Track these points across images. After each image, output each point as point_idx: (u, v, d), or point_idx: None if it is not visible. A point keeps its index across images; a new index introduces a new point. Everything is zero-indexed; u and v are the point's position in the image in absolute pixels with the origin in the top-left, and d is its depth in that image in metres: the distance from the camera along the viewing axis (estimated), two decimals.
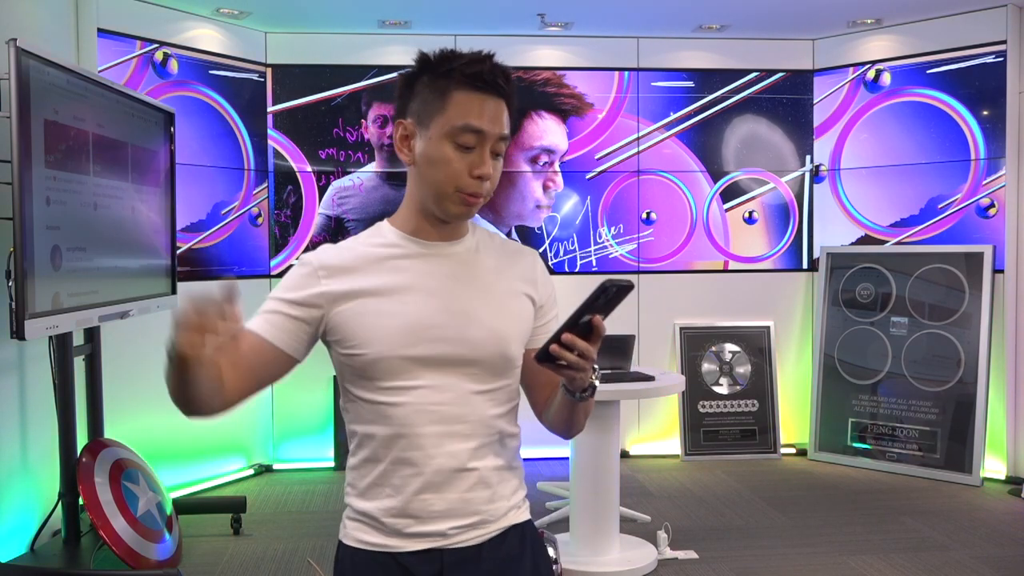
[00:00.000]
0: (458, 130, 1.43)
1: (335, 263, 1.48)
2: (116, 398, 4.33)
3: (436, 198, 1.46)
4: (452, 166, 1.44)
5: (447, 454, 1.46)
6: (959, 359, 5.26)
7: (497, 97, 1.47)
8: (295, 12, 5.24)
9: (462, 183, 1.44)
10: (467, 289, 1.50)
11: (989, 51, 5.25)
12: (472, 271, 1.52)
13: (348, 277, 1.47)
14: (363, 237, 1.55)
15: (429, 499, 1.46)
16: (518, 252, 1.62)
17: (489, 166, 1.46)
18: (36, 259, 3.18)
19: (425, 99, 1.46)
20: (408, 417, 1.45)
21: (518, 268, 1.58)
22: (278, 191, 5.66)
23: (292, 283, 1.48)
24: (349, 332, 1.45)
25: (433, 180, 1.45)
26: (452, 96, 1.44)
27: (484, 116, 1.45)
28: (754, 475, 5.43)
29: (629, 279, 1.32)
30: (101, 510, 3.53)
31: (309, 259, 1.50)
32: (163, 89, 4.96)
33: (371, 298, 1.45)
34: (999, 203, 5.24)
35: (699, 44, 5.91)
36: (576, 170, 5.89)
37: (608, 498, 3.90)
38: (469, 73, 1.44)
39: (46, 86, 3.26)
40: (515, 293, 1.55)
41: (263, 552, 4.14)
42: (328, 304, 1.46)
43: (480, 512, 1.49)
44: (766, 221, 6.05)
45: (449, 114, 1.44)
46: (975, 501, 4.84)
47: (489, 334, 1.49)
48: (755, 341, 5.99)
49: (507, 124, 1.50)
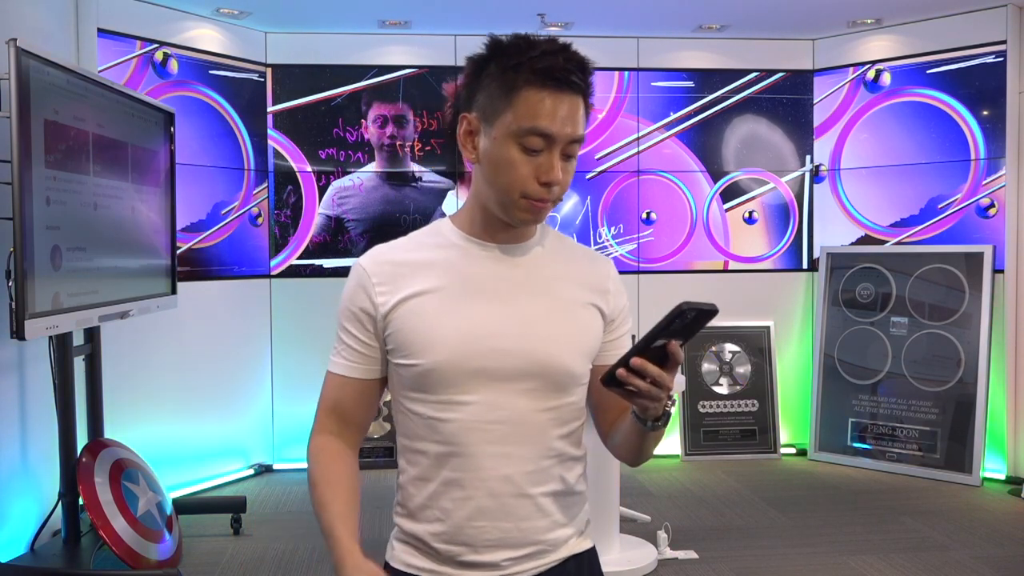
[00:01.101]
0: (525, 132, 1.30)
1: (387, 269, 1.39)
2: (116, 398, 4.33)
3: (500, 203, 1.35)
4: (518, 171, 1.32)
5: (501, 478, 1.35)
6: (959, 359, 5.26)
7: (571, 94, 1.31)
8: (295, 12, 5.24)
9: (528, 189, 1.32)
10: (530, 297, 1.39)
11: (989, 51, 5.25)
12: (537, 277, 1.41)
13: (401, 281, 1.37)
14: (420, 236, 1.44)
15: (483, 527, 1.35)
16: (590, 258, 1.50)
17: (559, 171, 1.32)
18: (36, 259, 3.18)
19: (491, 93, 1.32)
20: (460, 435, 1.34)
21: (588, 276, 1.46)
22: (278, 191, 5.66)
23: (350, 297, 1.41)
24: (403, 340, 1.36)
25: (497, 184, 1.34)
26: (520, 93, 1.30)
27: (554, 117, 1.30)
28: (754, 475, 5.43)
29: (712, 303, 1.19)
30: (101, 510, 3.53)
31: (363, 266, 1.41)
32: (163, 89, 4.96)
33: (426, 304, 1.35)
34: (999, 203, 5.24)
35: (699, 44, 5.91)
36: (576, 170, 5.87)
37: (608, 498, 3.90)
38: (540, 68, 1.29)
39: (46, 86, 3.26)
40: (583, 303, 1.43)
41: (263, 552, 4.14)
42: (383, 315, 1.37)
43: (537, 543, 1.38)
44: (766, 221, 6.05)
45: (516, 113, 1.30)
46: (975, 501, 4.84)
47: (552, 346, 1.37)
48: (755, 341, 5.99)
49: (582, 124, 1.35)
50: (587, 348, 1.42)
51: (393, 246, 1.43)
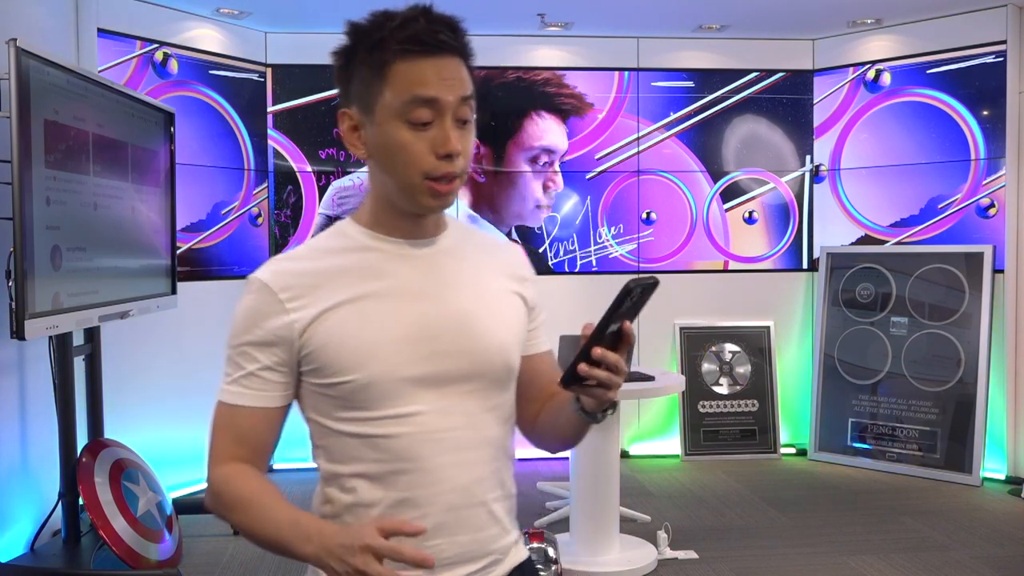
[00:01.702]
0: (407, 105, 1.19)
1: (295, 281, 1.24)
2: (116, 398, 4.33)
3: (403, 192, 1.24)
4: (411, 150, 1.20)
5: (458, 489, 1.26)
6: (959, 359, 5.26)
7: (446, 55, 1.22)
8: (295, 12, 5.24)
9: (428, 167, 1.21)
10: (457, 292, 1.29)
11: (989, 51, 5.25)
12: (458, 270, 1.31)
13: (315, 294, 1.23)
14: (322, 242, 1.30)
15: (439, 545, 1.24)
16: (500, 246, 1.42)
17: (455, 139, 1.21)
18: (36, 259, 3.18)
19: (364, 79, 1.23)
20: (412, 449, 1.23)
21: (505, 264, 1.38)
22: (278, 191, 5.66)
23: (252, 318, 1.24)
24: (329, 357, 1.22)
25: (394, 172, 1.23)
26: (392, 68, 1.20)
27: (434, 81, 1.19)
28: (754, 475, 5.43)
29: (653, 275, 1.18)
30: (101, 510, 3.53)
31: (264, 282, 1.24)
32: (163, 89, 4.96)
33: (350, 314, 1.23)
34: (999, 203, 5.24)
35: (699, 44, 5.91)
36: (576, 170, 5.89)
37: (608, 498, 3.90)
38: (404, 36, 1.19)
39: (46, 86, 3.26)
40: (507, 293, 1.35)
41: (263, 552, 4.11)
42: (300, 332, 1.23)
43: (492, 553, 1.31)
44: (766, 221, 6.05)
45: (393, 89, 1.20)
46: (975, 501, 4.84)
47: (491, 343, 1.29)
48: (755, 341, 5.99)
49: (467, 81, 1.23)
50: (520, 339, 1.35)
51: (293, 256, 1.28)
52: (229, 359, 1.28)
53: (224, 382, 1.28)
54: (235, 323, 1.27)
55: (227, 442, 1.27)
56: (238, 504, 1.24)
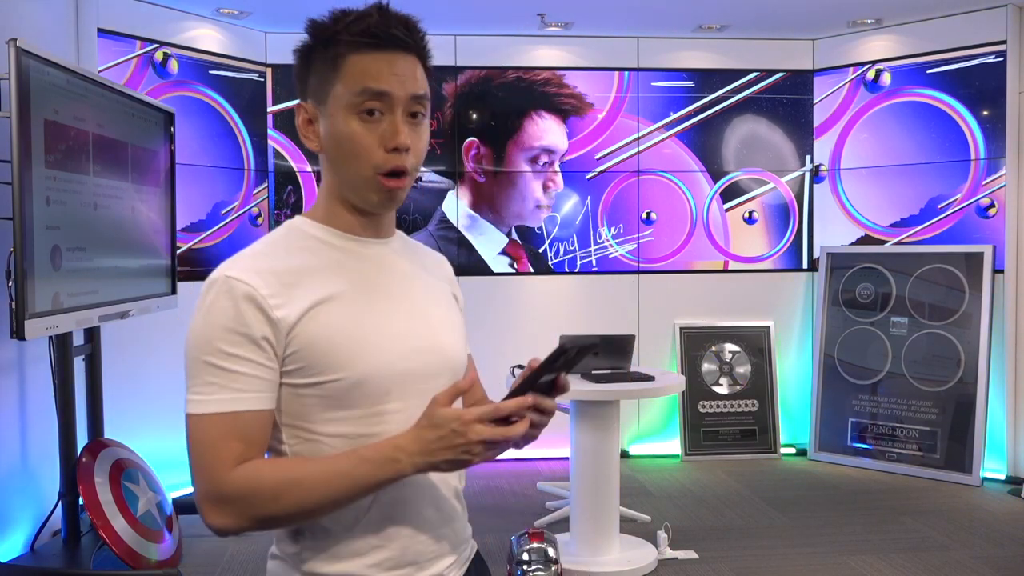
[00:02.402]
0: (356, 97, 1.21)
1: (272, 279, 1.20)
2: (116, 398, 4.33)
3: (354, 186, 1.25)
4: (361, 142, 1.22)
5: (439, 482, 1.28)
6: (959, 359, 5.26)
7: (400, 52, 1.22)
8: (295, 12, 5.23)
9: (377, 159, 1.22)
10: (417, 293, 1.32)
11: (989, 51, 5.25)
12: (412, 272, 1.33)
13: (294, 291, 1.20)
14: (280, 240, 1.28)
15: (424, 539, 1.27)
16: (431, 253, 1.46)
17: (404, 134, 1.21)
18: (36, 259, 3.18)
19: (319, 73, 1.24)
20: None
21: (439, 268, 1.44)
22: (278, 191, 5.67)
23: (233, 318, 1.17)
24: (317, 355, 1.19)
25: (345, 165, 1.24)
26: (345, 61, 1.21)
27: (385, 74, 1.21)
28: (754, 475, 5.43)
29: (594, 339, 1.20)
30: (101, 510, 3.53)
31: (242, 280, 1.19)
32: (163, 89, 4.96)
33: (333, 311, 1.21)
34: (999, 203, 5.24)
35: (699, 44, 5.91)
36: (576, 170, 5.89)
37: (608, 498, 3.90)
38: (357, 31, 1.21)
39: (46, 86, 3.26)
40: (448, 294, 1.41)
41: (263, 552, 4.11)
42: (287, 331, 1.18)
43: (464, 541, 1.36)
44: (766, 221, 6.05)
45: (345, 82, 1.21)
46: (975, 501, 4.84)
47: (450, 338, 1.33)
48: (755, 341, 5.99)
49: (421, 81, 1.24)
50: (464, 339, 1.40)
51: (259, 254, 1.24)
52: (208, 366, 1.16)
53: (205, 393, 1.15)
54: (207, 328, 1.17)
55: (231, 449, 1.15)
56: (284, 487, 1.15)
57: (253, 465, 1.16)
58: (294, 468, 1.18)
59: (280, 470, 1.18)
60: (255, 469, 1.16)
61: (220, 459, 1.15)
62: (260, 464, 1.17)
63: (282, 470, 1.18)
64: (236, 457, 1.15)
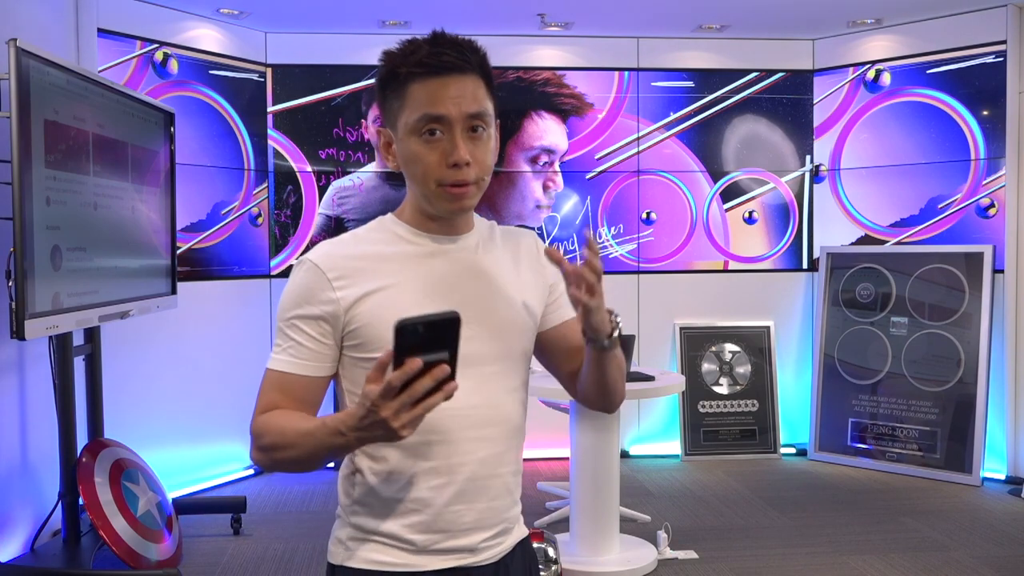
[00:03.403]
0: (419, 122, 1.34)
1: (341, 263, 1.38)
2: (116, 398, 4.33)
3: (425, 197, 1.39)
4: (425, 161, 1.35)
5: (479, 460, 1.40)
6: (959, 359, 5.26)
7: (454, 75, 1.34)
8: (295, 12, 5.24)
9: (440, 176, 1.35)
10: (483, 284, 1.44)
11: (989, 51, 5.25)
12: (484, 265, 1.45)
13: (360, 276, 1.37)
14: (365, 232, 1.45)
15: (460, 510, 1.39)
16: (517, 236, 1.56)
17: (463, 150, 1.34)
18: (36, 259, 3.18)
19: (389, 102, 1.39)
20: (443, 422, 1.35)
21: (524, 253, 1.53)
22: (278, 191, 5.67)
23: (302, 294, 1.38)
24: (374, 334, 1.35)
25: (415, 180, 1.39)
26: (408, 90, 1.35)
27: (440, 99, 1.33)
28: (754, 475, 5.43)
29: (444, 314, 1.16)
30: (101, 510, 3.53)
31: (315, 262, 1.38)
32: (163, 89, 4.96)
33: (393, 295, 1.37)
34: (999, 203, 5.24)
35: (699, 44, 5.91)
36: (576, 170, 5.89)
37: (608, 498, 3.90)
38: (413, 62, 1.34)
39: (46, 86, 3.26)
40: (525, 280, 1.50)
41: (263, 552, 4.14)
42: (346, 309, 1.36)
43: (504, 521, 1.45)
44: (766, 221, 6.05)
45: (408, 109, 1.35)
46: (975, 501, 4.84)
47: (514, 328, 1.44)
48: (755, 341, 5.99)
49: (476, 99, 1.36)
50: (534, 325, 1.50)
51: (339, 242, 1.43)
52: (280, 331, 1.40)
53: (274, 352, 1.39)
54: (285, 298, 1.40)
55: (272, 397, 1.37)
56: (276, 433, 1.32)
57: (271, 413, 1.36)
58: (288, 420, 1.33)
59: (279, 420, 1.34)
60: (269, 416, 1.35)
61: (260, 404, 1.38)
62: (276, 413, 1.35)
63: (280, 420, 1.34)
64: (269, 405, 1.37)
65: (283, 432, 1.31)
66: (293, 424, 1.31)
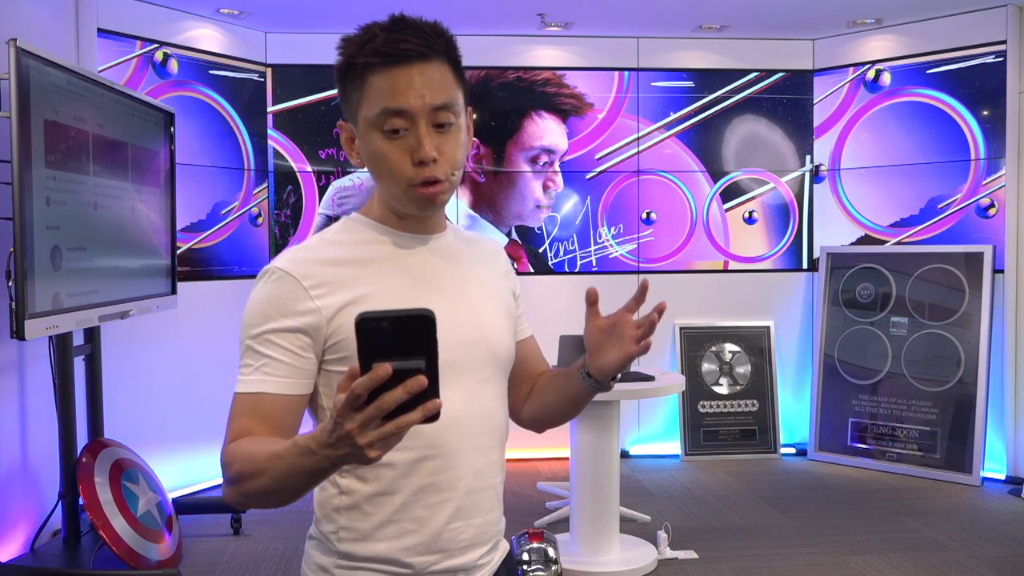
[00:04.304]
0: (380, 117, 1.22)
1: (320, 269, 1.25)
2: (116, 398, 4.33)
3: (395, 198, 1.28)
4: (389, 159, 1.23)
5: (475, 472, 1.30)
6: (959, 359, 5.26)
7: (416, 63, 1.21)
8: (295, 12, 5.24)
9: (408, 175, 1.23)
10: (465, 286, 1.34)
11: (989, 51, 5.25)
12: (461, 266, 1.36)
13: (340, 283, 1.24)
14: (334, 235, 1.32)
15: (459, 527, 1.29)
16: (486, 243, 1.47)
17: (429, 146, 1.21)
18: (36, 259, 3.18)
19: (348, 94, 1.26)
20: (440, 435, 1.25)
21: (494, 259, 1.45)
22: (278, 191, 5.67)
23: (275, 306, 1.22)
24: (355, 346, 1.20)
25: (382, 179, 1.27)
26: (366, 81, 1.22)
27: (401, 91, 1.20)
28: (754, 475, 5.43)
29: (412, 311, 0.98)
30: (101, 510, 3.53)
31: (286, 271, 1.24)
32: (163, 89, 4.96)
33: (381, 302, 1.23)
34: (999, 203, 5.24)
35: (699, 44, 5.91)
36: (576, 170, 5.89)
37: (608, 498, 3.90)
38: (369, 51, 1.21)
39: (46, 86, 3.26)
40: (500, 287, 1.42)
41: (263, 552, 4.14)
42: (329, 319, 1.23)
43: (496, 534, 1.38)
44: (766, 221, 6.05)
45: (367, 102, 1.23)
46: (975, 501, 4.84)
47: (498, 333, 1.35)
48: (755, 341, 5.99)
49: (441, 89, 1.22)
50: (514, 330, 1.43)
51: (307, 248, 1.29)
52: (248, 350, 1.23)
53: (243, 373, 1.23)
54: (252, 313, 1.24)
55: (243, 423, 1.20)
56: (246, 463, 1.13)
57: (240, 440, 1.18)
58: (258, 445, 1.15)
59: (249, 445, 1.16)
60: (238, 443, 1.18)
61: (230, 433, 1.21)
62: (246, 439, 1.18)
63: (250, 446, 1.16)
64: (240, 432, 1.19)
65: (252, 458, 1.12)
66: (264, 448, 1.12)
